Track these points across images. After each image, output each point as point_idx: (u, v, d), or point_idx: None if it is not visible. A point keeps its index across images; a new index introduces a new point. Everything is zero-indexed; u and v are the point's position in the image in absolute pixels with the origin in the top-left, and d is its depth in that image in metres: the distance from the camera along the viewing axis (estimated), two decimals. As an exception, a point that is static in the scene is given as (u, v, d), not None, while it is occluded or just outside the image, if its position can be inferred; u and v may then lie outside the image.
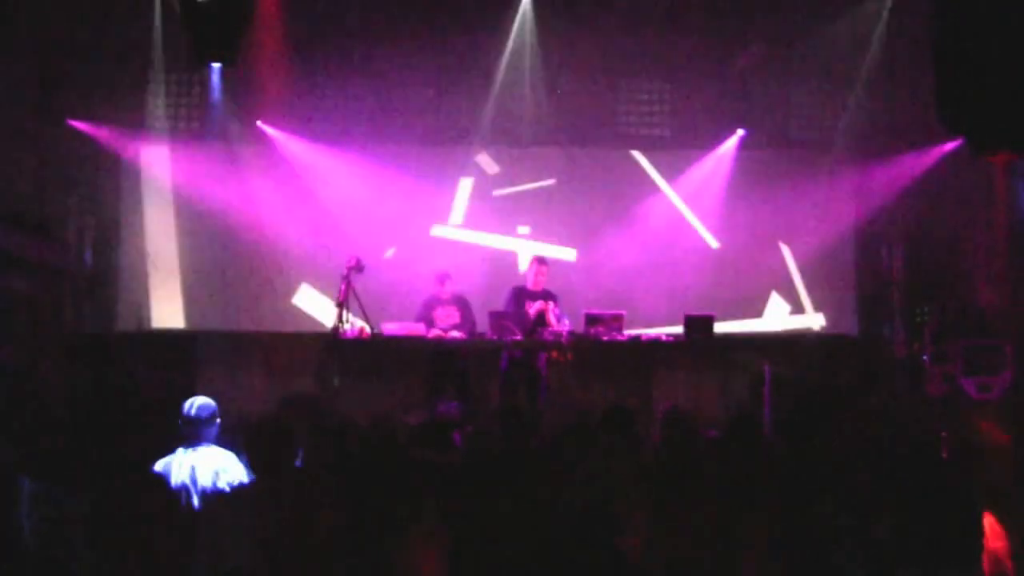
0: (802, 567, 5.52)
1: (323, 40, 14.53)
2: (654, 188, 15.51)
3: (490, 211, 15.40)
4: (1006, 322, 14.20)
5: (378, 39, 14.66)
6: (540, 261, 13.39)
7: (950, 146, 14.56)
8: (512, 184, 15.47)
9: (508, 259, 15.20)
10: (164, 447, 7.06)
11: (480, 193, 15.41)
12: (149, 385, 11.99)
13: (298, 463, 6.34)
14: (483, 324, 13.04)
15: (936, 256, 15.05)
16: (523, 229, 15.41)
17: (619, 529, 5.24)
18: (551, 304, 13.00)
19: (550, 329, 12.77)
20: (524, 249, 15.09)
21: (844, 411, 10.85)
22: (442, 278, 13.32)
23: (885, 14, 14.26)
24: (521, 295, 13.15)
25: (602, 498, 5.53)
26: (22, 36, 13.58)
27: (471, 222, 15.38)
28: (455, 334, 12.83)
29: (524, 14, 14.63)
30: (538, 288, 13.18)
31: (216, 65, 13.58)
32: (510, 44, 14.72)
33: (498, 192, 15.47)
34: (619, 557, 5.13)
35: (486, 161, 15.41)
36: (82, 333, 14.35)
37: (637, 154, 15.57)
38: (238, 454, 6.87)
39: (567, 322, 12.93)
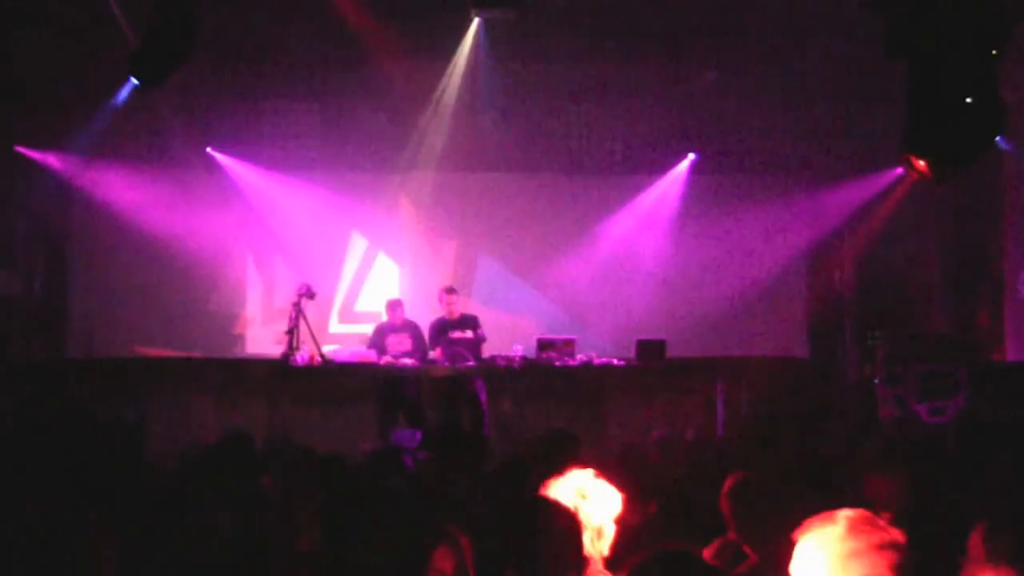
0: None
1: (273, 66, 14.48)
2: (605, 213, 15.47)
3: (439, 236, 15.35)
4: (958, 346, 14.27)
5: (328, 64, 14.63)
6: (448, 291, 13.50)
7: (900, 171, 14.64)
8: (463, 210, 15.43)
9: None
10: (112, 474, 6.97)
11: (429, 218, 15.36)
12: (98, 412, 11.88)
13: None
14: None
15: (888, 280, 15.12)
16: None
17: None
18: (468, 332, 13.12)
19: (502, 354, 12.78)
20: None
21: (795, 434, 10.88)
22: (393, 305, 13.33)
23: (838, 40, 14.32)
24: (443, 326, 13.28)
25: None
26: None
27: (420, 247, 15.32)
28: (407, 361, 12.80)
29: (475, 39, 14.61)
30: (454, 316, 13.26)
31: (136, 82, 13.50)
32: (461, 69, 14.69)
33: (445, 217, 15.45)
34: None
35: (436, 187, 15.36)
36: (31, 360, 14.22)
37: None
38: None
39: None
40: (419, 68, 14.59)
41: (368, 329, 13.88)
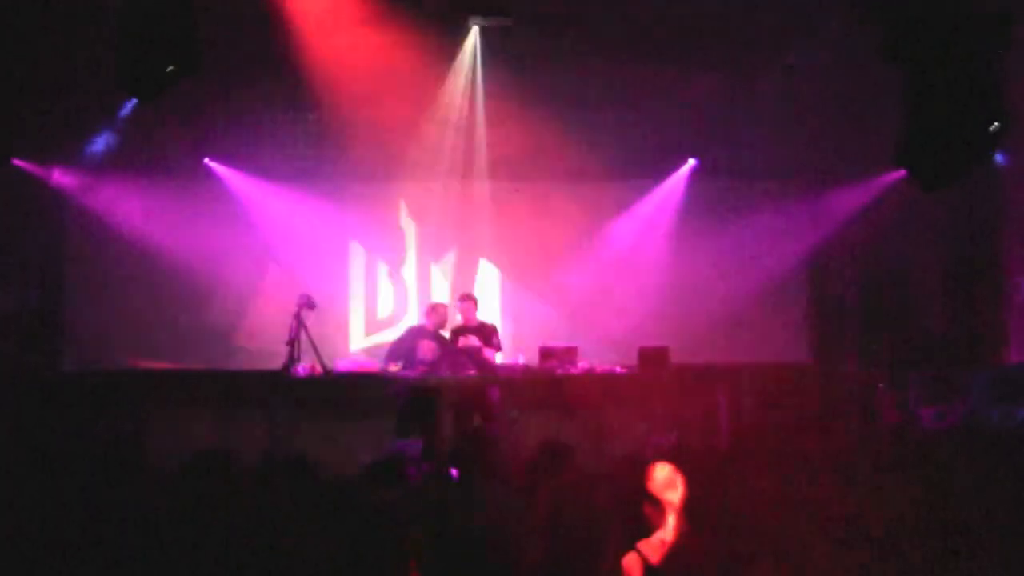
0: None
1: (269, 76, 14.40)
2: (606, 219, 15.43)
3: (439, 245, 15.31)
4: (960, 350, 14.23)
5: (324, 74, 14.55)
6: (461, 298, 13.47)
7: (899, 175, 14.60)
8: (463, 218, 15.39)
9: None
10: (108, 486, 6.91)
11: (428, 227, 15.30)
12: (95, 425, 11.82)
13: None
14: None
15: (890, 285, 15.08)
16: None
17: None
18: (475, 340, 13.03)
19: (504, 364, 12.75)
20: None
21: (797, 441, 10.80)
22: (429, 310, 13.26)
23: (840, 45, 14.27)
24: (456, 333, 13.22)
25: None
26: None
27: (419, 256, 15.27)
28: (412, 371, 12.75)
29: (472, 45, 14.56)
30: (472, 324, 13.16)
31: (133, 99, 13.44)
32: (460, 77, 14.64)
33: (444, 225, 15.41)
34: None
35: (435, 195, 15.31)
36: (27, 374, 14.14)
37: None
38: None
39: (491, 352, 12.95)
40: (418, 77, 14.53)
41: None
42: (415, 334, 13.16)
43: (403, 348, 13.02)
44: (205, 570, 5.62)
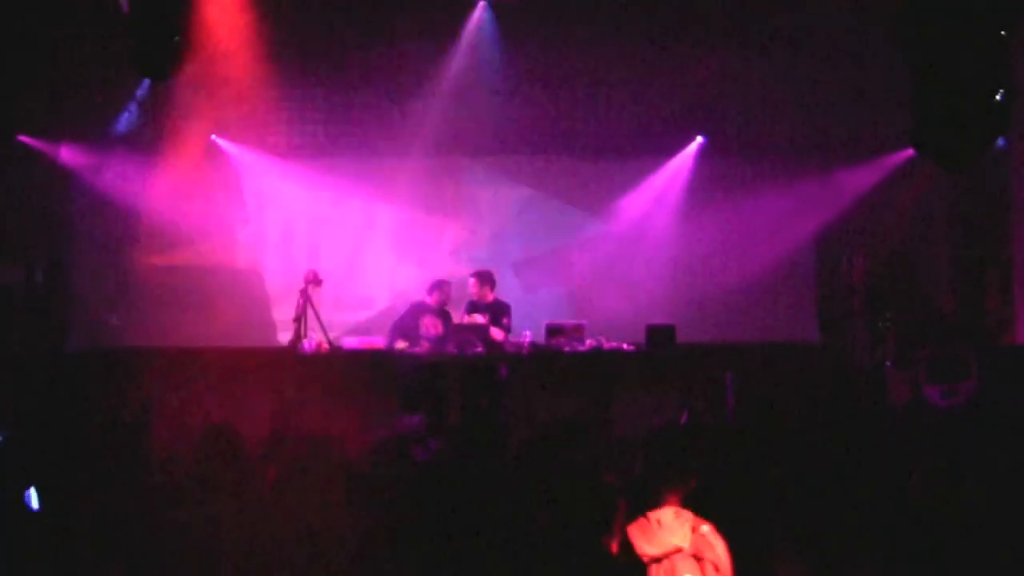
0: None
1: (277, 51, 14.35)
2: (614, 196, 15.40)
3: (446, 220, 15.28)
4: (968, 329, 14.21)
5: (334, 49, 14.54)
6: (476, 275, 13.45)
7: (908, 154, 14.58)
8: (470, 193, 15.38)
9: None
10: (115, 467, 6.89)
11: (436, 202, 15.29)
12: (101, 403, 11.80)
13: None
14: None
15: (897, 263, 15.05)
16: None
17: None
18: (478, 316, 13.06)
19: (511, 340, 12.73)
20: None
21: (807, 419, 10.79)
22: (440, 285, 13.23)
23: (849, 23, 14.21)
24: (471, 309, 13.25)
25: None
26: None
27: (427, 231, 15.23)
28: (422, 346, 12.74)
29: (483, 23, 14.52)
30: (486, 300, 13.22)
31: (148, 79, 13.44)
32: (468, 52, 14.59)
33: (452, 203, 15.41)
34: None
35: (443, 171, 15.29)
36: (33, 351, 14.16)
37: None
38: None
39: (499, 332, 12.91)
40: (426, 51, 14.50)
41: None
42: (417, 311, 13.14)
43: (405, 325, 13.02)
44: (220, 549, 5.62)
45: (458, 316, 13.31)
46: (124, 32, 11.30)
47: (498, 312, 13.15)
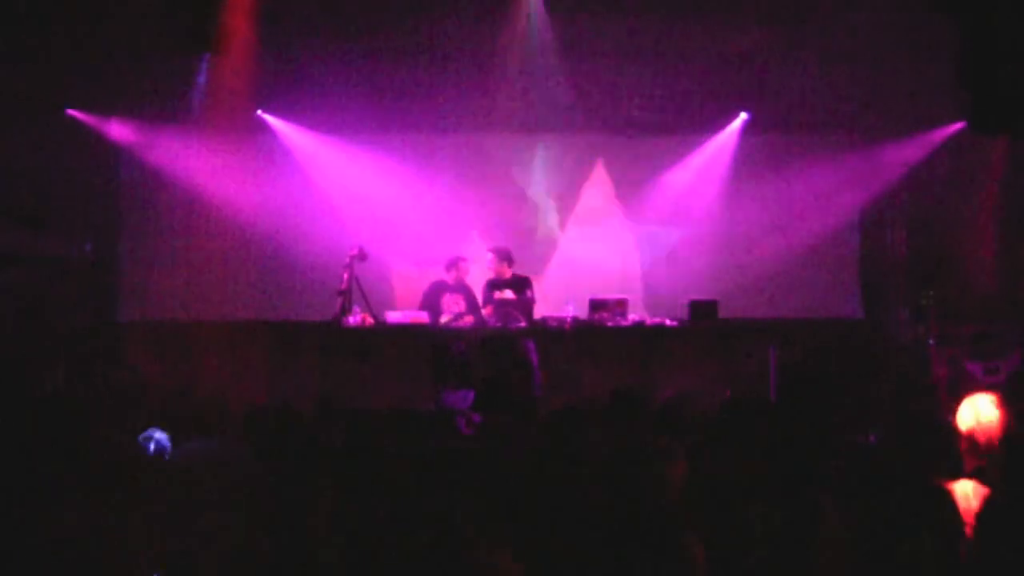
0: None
1: (322, 26, 14.39)
2: (657, 172, 15.42)
3: (490, 197, 15.35)
4: (1011, 304, 14.16)
5: (379, 23, 14.55)
6: (495, 251, 13.49)
7: (953, 129, 14.54)
8: (513, 170, 15.44)
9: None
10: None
11: (480, 179, 15.35)
12: (151, 375, 11.92)
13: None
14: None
15: (940, 239, 15.01)
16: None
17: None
18: (508, 292, 13.11)
19: (554, 315, 12.78)
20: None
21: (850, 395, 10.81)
22: (456, 262, 13.29)
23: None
24: (493, 286, 13.26)
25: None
26: (16, 26, 13.47)
27: (471, 208, 15.29)
28: (464, 321, 12.80)
29: (530, -1, 14.52)
30: (505, 277, 13.27)
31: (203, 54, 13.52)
32: (512, 29, 14.59)
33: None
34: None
35: (486, 148, 15.36)
36: (83, 324, 14.32)
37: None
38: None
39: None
40: (472, 28, 14.51)
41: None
42: (437, 289, 13.22)
43: (429, 303, 13.09)
44: (269, 525, 5.68)
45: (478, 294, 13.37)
46: (175, 5, 11.40)
47: (522, 286, 13.20)
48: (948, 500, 4.84)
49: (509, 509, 5.45)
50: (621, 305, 12.89)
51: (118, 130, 14.83)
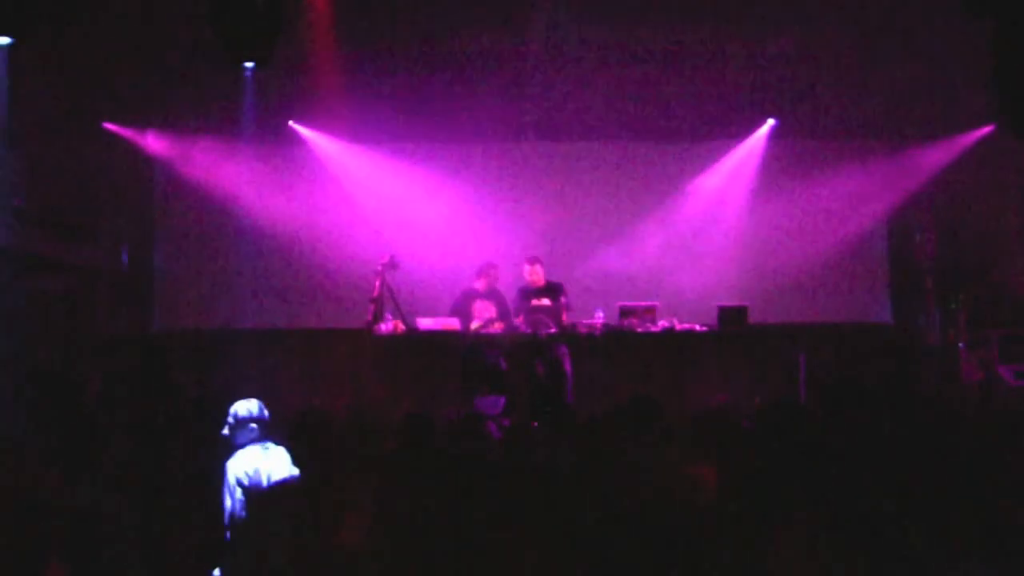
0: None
1: (352, 39, 14.51)
2: (686, 179, 15.50)
3: (521, 205, 15.43)
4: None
5: (411, 34, 14.65)
6: (529, 260, 13.37)
7: (982, 132, 14.56)
8: (544, 178, 15.54)
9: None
10: (202, 445, 7.07)
11: (510, 187, 15.45)
12: (187, 383, 12.04)
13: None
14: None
15: (970, 243, 14.99)
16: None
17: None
18: (545, 299, 13.07)
19: (584, 321, 12.83)
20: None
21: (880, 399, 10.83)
22: (486, 269, 13.34)
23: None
24: (526, 293, 13.19)
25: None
26: (56, 41, 13.62)
27: (502, 216, 15.37)
28: (494, 328, 12.86)
29: (556, 7, 14.56)
30: (539, 284, 13.23)
31: (249, 65, 13.61)
32: (540, 38, 14.65)
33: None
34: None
35: (518, 156, 15.47)
36: (119, 333, 14.47)
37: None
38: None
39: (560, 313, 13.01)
40: (500, 38, 14.61)
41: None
42: (468, 296, 13.27)
43: (459, 310, 13.14)
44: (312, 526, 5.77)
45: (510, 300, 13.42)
46: (213, 19, 11.51)
47: (557, 292, 13.23)
48: None
49: (538, 514, 5.52)
50: (650, 311, 12.91)
51: (154, 142, 14.99)
